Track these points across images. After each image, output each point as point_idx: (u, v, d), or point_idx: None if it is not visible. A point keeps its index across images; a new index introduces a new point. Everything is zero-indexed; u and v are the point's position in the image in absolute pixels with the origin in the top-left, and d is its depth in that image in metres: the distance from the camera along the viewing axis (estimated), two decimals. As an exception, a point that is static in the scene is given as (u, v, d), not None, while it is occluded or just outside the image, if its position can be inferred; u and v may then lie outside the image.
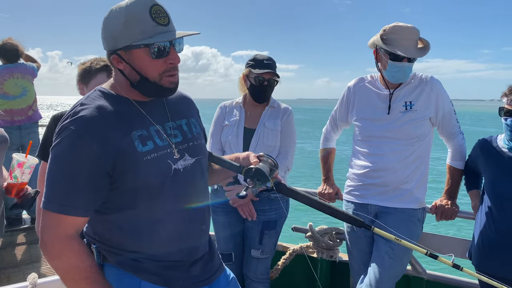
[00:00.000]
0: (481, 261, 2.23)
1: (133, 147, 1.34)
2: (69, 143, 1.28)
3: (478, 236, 2.25)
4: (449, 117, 2.45)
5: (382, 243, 2.41)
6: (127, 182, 1.34)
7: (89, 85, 2.31)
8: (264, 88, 2.64)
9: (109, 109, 1.36)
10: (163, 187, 1.39)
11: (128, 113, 1.39)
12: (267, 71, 2.60)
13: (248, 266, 2.74)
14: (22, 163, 1.97)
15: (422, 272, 2.82)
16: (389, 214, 2.43)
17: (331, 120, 2.82)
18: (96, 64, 2.31)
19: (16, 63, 4.50)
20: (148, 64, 1.35)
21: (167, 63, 1.37)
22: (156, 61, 1.35)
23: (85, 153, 1.28)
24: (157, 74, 1.37)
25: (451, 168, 2.55)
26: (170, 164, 1.40)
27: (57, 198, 1.29)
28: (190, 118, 1.60)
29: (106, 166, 1.30)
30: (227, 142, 2.70)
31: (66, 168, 1.29)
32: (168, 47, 1.36)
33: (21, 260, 3.77)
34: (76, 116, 1.32)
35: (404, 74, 2.37)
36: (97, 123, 1.31)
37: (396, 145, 2.41)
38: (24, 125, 4.48)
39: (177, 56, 1.39)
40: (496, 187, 2.20)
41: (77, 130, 1.29)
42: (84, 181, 1.29)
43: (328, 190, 2.82)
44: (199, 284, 1.54)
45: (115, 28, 1.34)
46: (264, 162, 1.53)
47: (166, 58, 1.37)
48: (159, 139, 1.41)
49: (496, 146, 2.27)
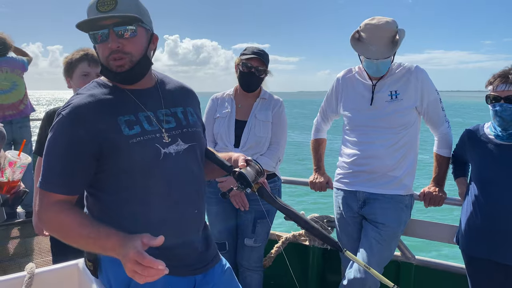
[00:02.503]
0: (468, 246, 2.28)
1: (119, 130, 1.41)
2: (58, 127, 1.41)
3: (465, 222, 2.30)
4: (434, 106, 2.49)
5: (370, 229, 2.47)
6: (114, 165, 1.42)
7: (73, 76, 2.35)
8: (251, 75, 2.65)
9: (99, 97, 1.44)
10: (152, 170, 1.44)
11: (117, 100, 1.46)
12: (254, 57, 2.63)
13: (241, 255, 2.79)
14: (14, 163, 1.97)
15: (411, 258, 2.88)
16: (377, 200, 2.49)
17: (321, 111, 2.86)
18: (76, 55, 2.36)
19: (5, 56, 4.44)
20: (97, 49, 1.47)
21: (106, 48, 1.43)
22: (99, 47, 1.45)
23: (70, 135, 1.38)
24: (104, 58, 1.45)
25: (437, 156, 2.60)
26: (158, 148, 1.45)
27: (44, 176, 1.41)
28: (187, 107, 1.64)
29: (92, 149, 1.39)
30: (218, 134, 2.73)
31: (54, 150, 1.41)
32: (106, 32, 1.41)
33: (16, 253, 3.78)
34: (68, 104, 1.43)
35: (378, 69, 2.43)
36: (85, 109, 1.40)
37: (383, 133, 2.46)
38: (15, 119, 4.43)
39: (114, 40, 1.41)
40: (482, 173, 2.25)
41: (66, 116, 1.40)
42: (69, 163, 1.39)
43: (319, 179, 2.87)
44: (193, 272, 1.57)
45: None
46: (251, 167, 1.55)
47: (106, 43, 1.42)
48: (148, 124, 1.47)
49: (482, 134, 2.30)
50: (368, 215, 2.52)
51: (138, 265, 1.20)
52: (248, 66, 2.63)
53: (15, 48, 4.63)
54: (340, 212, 2.67)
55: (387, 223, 2.45)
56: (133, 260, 1.20)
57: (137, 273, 1.20)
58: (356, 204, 2.56)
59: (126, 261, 1.22)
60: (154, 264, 1.18)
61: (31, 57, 4.75)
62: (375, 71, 2.45)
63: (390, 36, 2.38)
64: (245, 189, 1.52)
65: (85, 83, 2.25)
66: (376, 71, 2.45)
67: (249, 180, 1.50)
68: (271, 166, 2.71)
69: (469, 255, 2.30)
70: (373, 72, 2.47)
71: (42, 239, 3.95)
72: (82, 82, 2.31)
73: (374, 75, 2.50)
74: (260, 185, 1.57)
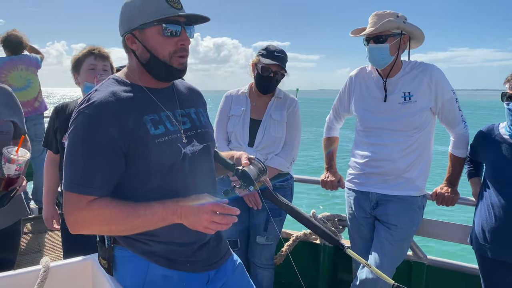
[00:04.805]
0: (482, 246, 2.26)
1: (146, 130, 1.39)
2: (86, 126, 1.34)
3: (479, 222, 2.28)
4: (450, 106, 2.43)
5: (383, 230, 2.46)
6: (139, 164, 1.40)
7: (80, 72, 2.40)
8: (269, 79, 2.65)
9: (122, 94, 1.41)
10: (172, 169, 1.44)
11: (140, 98, 1.45)
12: (274, 63, 2.61)
13: (253, 252, 2.80)
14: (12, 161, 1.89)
15: (423, 257, 2.86)
16: (390, 202, 2.47)
17: (333, 109, 2.84)
18: (81, 52, 2.41)
19: (20, 54, 4.50)
20: (160, 43, 1.42)
21: (178, 44, 1.43)
22: (168, 40, 1.42)
23: (102, 135, 1.33)
24: (167, 53, 1.43)
25: (452, 156, 2.56)
26: (180, 147, 1.46)
27: (75, 179, 1.34)
28: (198, 108, 1.66)
29: (122, 147, 1.36)
30: (233, 133, 2.73)
31: (83, 150, 1.34)
32: (179, 29, 1.42)
33: (29, 248, 3.83)
34: (90, 101, 1.37)
35: (371, 55, 2.41)
36: (111, 106, 1.36)
37: (396, 136, 2.43)
38: (30, 116, 4.48)
39: (187, 38, 1.45)
40: (497, 174, 2.23)
41: (93, 114, 1.34)
42: (101, 162, 1.34)
43: (331, 178, 2.86)
44: (206, 268, 1.58)
45: (133, 9, 1.42)
46: (254, 166, 1.56)
47: (177, 38, 1.43)
48: (170, 124, 1.47)
49: (497, 133, 2.28)
50: (381, 216, 2.50)
51: (216, 215, 1.34)
52: (268, 70, 2.62)
53: (30, 46, 4.70)
54: (352, 213, 2.66)
55: (399, 224, 2.43)
56: (210, 211, 1.33)
57: (214, 222, 1.34)
58: (369, 205, 2.55)
59: (203, 213, 1.33)
60: (232, 210, 1.35)
61: (43, 55, 4.82)
62: (371, 57, 2.43)
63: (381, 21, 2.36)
64: (247, 187, 1.52)
65: (91, 77, 2.29)
66: (371, 57, 2.42)
67: (252, 178, 1.51)
68: (285, 166, 2.71)
69: (483, 255, 2.28)
70: (370, 59, 2.44)
71: (55, 235, 4.00)
72: (89, 76, 2.35)
73: (374, 64, 2.48)
74: (262, 184, 1.57)
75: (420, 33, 2.42)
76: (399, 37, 2.38)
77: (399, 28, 2.37)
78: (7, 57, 4.46)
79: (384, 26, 2.34)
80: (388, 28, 2.36)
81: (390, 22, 2.33)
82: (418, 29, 2.41)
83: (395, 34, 2.37)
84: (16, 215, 2.25)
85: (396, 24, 2.35)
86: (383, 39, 2.36)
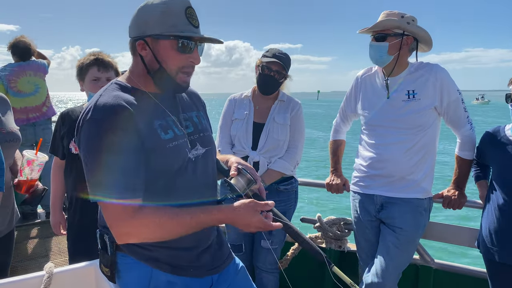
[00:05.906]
0: (490, 250, 2.23)
1: (157, 135, 1.40)
2: (102, 133, 1.31)
3: (486, 225, 2.26)
4: (455, 106, 2.41)
5: (388, 233, 2.44)
6: (149, 168, 1.38)
7: (85, 80, 2.40)
8: (270, 79, 2.65)
9: (129, 100, 1.40)
10: (178, 175, 1.44)
11: (146, 103, 1.45)
12: (274, 61, 2.62)
13: (258, 257, 2.79)
14: (32, 161, 2.01)
15: (430, 261, 2.83)
16: (395, 205, 2.45)
17: (340, 111, 2.84)
18: (86, 60, 2.41)
19: (29, 60, 4.56)
20: (171, 56, 1.42)
21: (188, 60, 1.44)
22: (179, 55, 1.42)
23: (121, 139, 1.31)
24: (175, 68, 1.43)
25: (458, 158, 2.54)
26: (187, 152, 1.47)
27: (113, 188, 1.31)
28: (199, 111, 1.66)
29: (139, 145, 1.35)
30: (236, 136, 2.73)
31: (111, 157, 1.30)
32: (193, 47, 1.43)
33: (36, 253, 3.85)
34: (100, 107, 1.35)
35: (370, 52, 2.44)
36: (123, 111, 1.35)
37: (400, 134, 2.42)
38: (38, 121, 4.53)
39: (198, 57, 1.46)
40: (504, 176, 2.20)
41: (103, 119, 1.32)
42: (132, 164, 1.33)
43: (336, 181, 2.85)
44: (209, 272, 1.58)
45: (151, 16, 1.41)
46: (242, 176, 1.55)
47: (189, 55, 1.43)
48: (177, 129, 1.47)
49: (503, 135, 2.26)
50: (386, 219, 2.48)
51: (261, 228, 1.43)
52: (268, 69, 2.63)
53: (38, 52, 4.76)
54: (357, 216, 2.64)
55: (405, 227, 2.41)
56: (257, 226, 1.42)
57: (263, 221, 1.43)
58: (374, 208, 2.53)
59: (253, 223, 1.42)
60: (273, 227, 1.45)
61: (50, 61, 4.88)
62: (371, 55, 2.45)
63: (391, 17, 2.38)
64: (236, 198, 1.52)
65: (95, 88, 2.29)
66: (371, 55, 2.44)
67: (237, 190, 1.51)
68: (289, 170, 2.70)
69: (491, 259, 2.25)
70: (371, 56, 2.46)
71: (62, 240, 4.02)
72: (93, 87, 2.36)
73: (374, 62, 2.49)
74: (253, 193, 1.57)
75: (426, 36, 2.40)
76: (401, 38, 2.36)
77: (401, 28, 2.36)
78: (16, 63, 4.52)
79: (383, 24, 2.36)
80: (388, 27, 2.36)
81: (390, 21, 2.34)
82: (424, 31, 2.39)
83: (396, 34, 2.36)
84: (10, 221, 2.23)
85: (396, 24, 2.34)
86: (382, 38, 2.37)
